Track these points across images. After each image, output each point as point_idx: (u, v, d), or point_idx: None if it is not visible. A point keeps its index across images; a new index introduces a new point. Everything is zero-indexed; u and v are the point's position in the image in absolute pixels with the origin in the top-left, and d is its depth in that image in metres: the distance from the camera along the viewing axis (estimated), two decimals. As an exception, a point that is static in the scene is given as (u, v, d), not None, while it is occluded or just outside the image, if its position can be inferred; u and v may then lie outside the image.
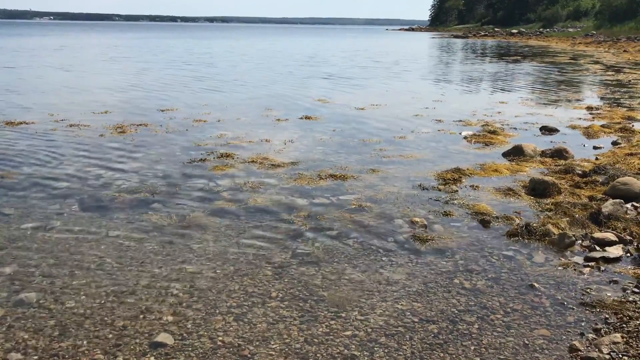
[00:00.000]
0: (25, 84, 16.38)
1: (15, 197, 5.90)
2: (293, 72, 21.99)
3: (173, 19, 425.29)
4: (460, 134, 9.66)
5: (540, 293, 4.03)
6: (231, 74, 20.73)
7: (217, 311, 3.73)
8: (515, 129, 10.20)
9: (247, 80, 18.38)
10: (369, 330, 3.55)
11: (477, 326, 3.61)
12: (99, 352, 3.26)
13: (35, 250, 4.60)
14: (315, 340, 3.43)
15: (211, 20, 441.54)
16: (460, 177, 6.84)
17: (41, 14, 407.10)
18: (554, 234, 4.96)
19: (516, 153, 7.96)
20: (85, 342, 3.34)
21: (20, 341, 3.34)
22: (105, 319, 3.60)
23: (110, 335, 3.42)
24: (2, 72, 19.85)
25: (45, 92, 14.53)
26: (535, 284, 4.14)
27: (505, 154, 8.08)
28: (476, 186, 6.52)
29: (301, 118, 10.96)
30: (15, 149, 8.01)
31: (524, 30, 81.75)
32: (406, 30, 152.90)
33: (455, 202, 5.97)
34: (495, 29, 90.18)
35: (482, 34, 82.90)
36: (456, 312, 3.78)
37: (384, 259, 4.58)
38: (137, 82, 17.24)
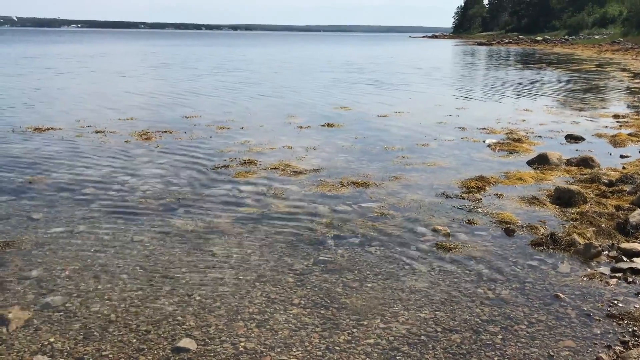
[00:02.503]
0: (70, 90, 16.71)
1: (43, 202, 6.00)
2: (339, 79, 22.51)
3: (198, 27, 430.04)
4: (484, 141, 9.58)
5: (565, 304, 3.97)
6: (279, 80, 21.41)
7: (239, 317, 3.74)
8: (540, 137, 10.10)
9: (296, 86, 18.99)
10: (391, 338, 3.53)
11: (500, 336, 3.56)
12: (122, 356, 3.29)
13: (62, 254, 4.67)
14: (337, 347, 3.42)
15: (235, 28, 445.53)
16: (484, 186, 6.78)
17: (69, 22, 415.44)
18: (580, 243, 4.89)
19: (541, 161, 7.87)
20: (109, 346, 3.38)
21: (46, 343, 3.39)
22: (129, 323, 3.64)
23: (134, 340, 3.45)
24: (54, 78, 20.27)
25: (90, 98, 14.82)
26: (560, 295, 4.08)
27: (530, 162, 8.00)
28: (500, 194, 6.45)
29: (323, 125, 10.97)
30: (42, 155, 8.16)
31: (548, 37, 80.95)
32: (429, 37, 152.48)
33: (479, 210, 5.92)
34: (520, 37, 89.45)
35: (506, 41, 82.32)
36: (480, 321, 3.74)
37: (406, 267, 4.55)
38: (189, 89, 17.73)
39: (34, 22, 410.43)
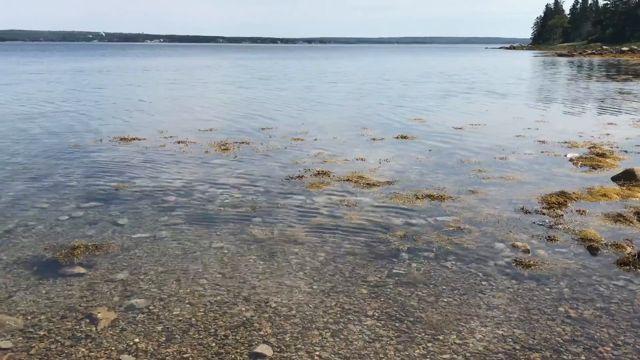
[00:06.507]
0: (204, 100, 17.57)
1: (128, 209, 6.30)
2: (448, 89, 23.34)
3: (274, 40, 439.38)
4: (565, 156, 9.25)
5: (655, 327, 3.77)
6: (390, 92, 22.32)
7: (314, 326, 3.78)
8: (626, 151, 9.64)
9: (416, 96, 20.01)
10: (468, 354, 3.46)
11: (583, 357, 3.42)
12: (202, 359, 3.39)
13: (145, 258, 4.88)
14: (412, 361, 3.39)
15: (309, 41, 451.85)
16: (566, 201, 6.54)
17: (152, 37, 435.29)
18: (671, 264, 4.63)
19: (627, 177, 7.51)
20: (189, 349, 3.50)
21: (131, 344, 3.55)
22: (208, 327, 3.75)
23: (213, 344, 3.56)
24: (176, 89, 21.48)
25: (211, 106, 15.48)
26: (649, 317, 3.88)
27: (615, 178, 7.65)
28: (583, 211, 6.21)
29: (397, 137, 10.93)
30: (128, 164, 8.56)
31: (635, 47, 77.19)
32: (507, 48, 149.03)
33: (560, 227, 5.71)
34: (604, 47, 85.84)
35: (589, 52, 79.21)
36: (561, 341, 3.61)
37: (483, 282, 4.46)
38: (318, 99, 19.17)
39: (120, 37, 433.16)
